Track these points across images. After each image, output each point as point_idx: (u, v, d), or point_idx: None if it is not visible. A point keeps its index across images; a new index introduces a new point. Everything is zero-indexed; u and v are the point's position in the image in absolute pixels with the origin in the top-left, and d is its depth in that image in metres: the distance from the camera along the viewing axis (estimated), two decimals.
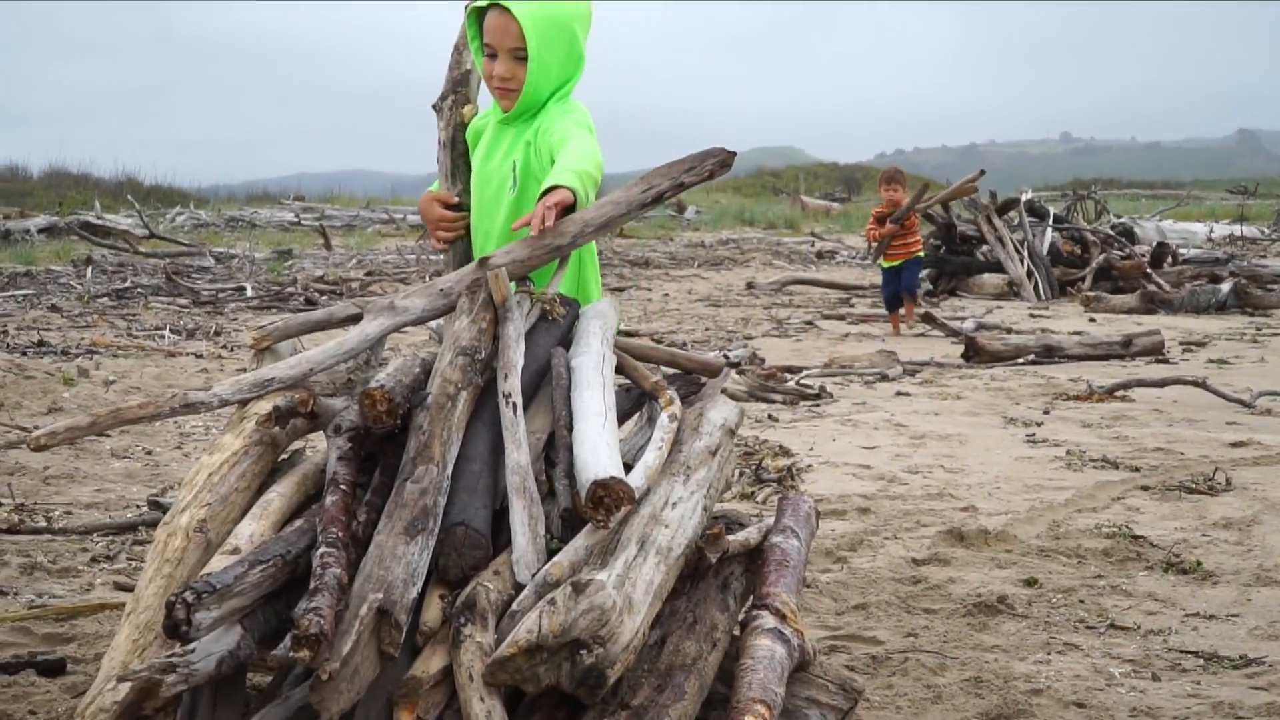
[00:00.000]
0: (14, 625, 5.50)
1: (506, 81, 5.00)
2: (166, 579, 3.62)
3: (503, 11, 4.92)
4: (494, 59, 5.00)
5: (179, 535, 3.74)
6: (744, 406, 5.51)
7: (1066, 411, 10.93)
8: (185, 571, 3.65)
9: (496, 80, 5.02)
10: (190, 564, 3.68)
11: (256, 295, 19.94)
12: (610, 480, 3.69)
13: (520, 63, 4.98)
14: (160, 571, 3.64)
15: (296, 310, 18.03)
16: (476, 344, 4.13)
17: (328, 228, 32.46)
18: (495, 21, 4.96)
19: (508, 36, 4.95)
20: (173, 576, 3.62)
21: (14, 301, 18.73)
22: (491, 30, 4.99)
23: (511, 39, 4.94)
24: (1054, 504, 7.68)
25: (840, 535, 6.93)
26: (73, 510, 7.66)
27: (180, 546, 3.70)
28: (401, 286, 21.99)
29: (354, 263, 25.70)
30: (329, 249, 29.10)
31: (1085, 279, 21.43)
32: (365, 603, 3.42)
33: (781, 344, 15.83)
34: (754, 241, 34.13)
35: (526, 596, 3.58)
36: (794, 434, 9.92)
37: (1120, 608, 5.86)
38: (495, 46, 4.98)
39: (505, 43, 4.96)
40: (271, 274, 23.01)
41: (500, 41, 4.96)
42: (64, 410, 10.82)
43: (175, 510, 3.83)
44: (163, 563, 3.67)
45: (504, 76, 4.99)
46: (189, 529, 3.75)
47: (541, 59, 4.98)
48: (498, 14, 4.94)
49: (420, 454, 3.80)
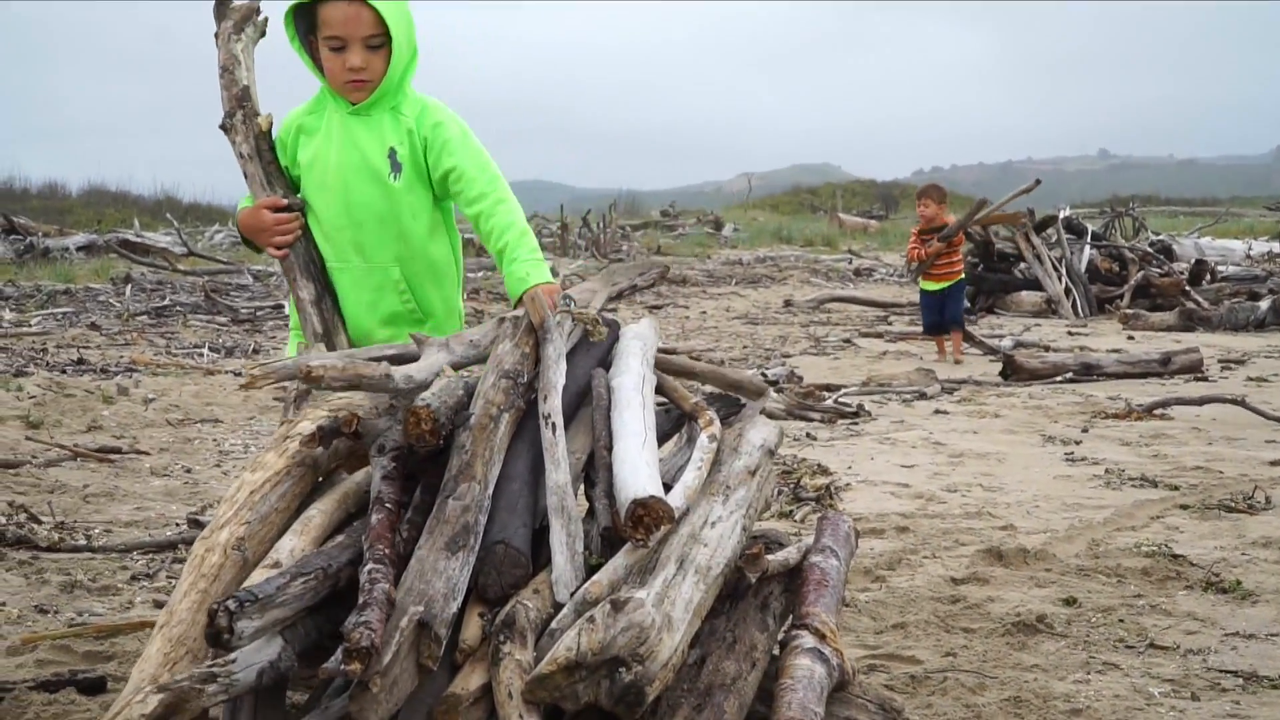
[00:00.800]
0: (54, 643, 5.52)
1: (360, 72, 4.96)
2: (202, 594, 3.62)
3: (351, 1, 4.86)
4: (341, 51, 4.94)
5: (217, 551, 3.74)
6: (782, 425, 5.51)
7: (1105, 430, 10.90)
8: (220, 588, 3.66)
9: (349, 73, 4.96)
10: (226, 581, 3.69)
11: None
12: (650, 499, 3.70)
13: (374, 51, 4.95)
14: (196, 586, 3.65)
15: None
16: (519, 367, 4.15)
17: None
18: (344, 12, 4.90)
19: (361, 25, 4.91)
20: (208, 592, 3.63)
21: (53, 319, 18.82)
22: (340, 22, 4.92)
23: (365, 27, 4.91)
24: (1093, 523, 7.66)
25: (879, 554, 6.93)
26: (112, 528, 7.69)
27: (217, 563, 3.71)
28: None
29: None
30: None
31: (1123, 296, 21.38)
32: (406, 615, 3.44)
33: (819, 362, 15.82)
34: (791, 259, 34.12)
35: (566, 614, 3.59)
36: (832, 452, 9.91)
37: (1160, 627, 5.83)
38: (346, 37, 4.92)
39: (358, 32, 4.91)
40: None
41: (353, 31, 4.91)
42: (103, 428, 10.87)
43: (214, 526, 3.84)
44: (199, 578, 3.68)
45: (359, 67, 4.94)
46: (227, 546, 3.75)
47: (399, 44, 4.96)
48: (345, 4, 4.87)
49: (463, 472, 3.82)
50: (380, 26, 4.90)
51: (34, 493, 8.43)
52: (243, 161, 5.13)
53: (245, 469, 4.12)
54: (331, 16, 4.90)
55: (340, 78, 4.98)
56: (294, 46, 5.08)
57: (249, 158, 5.12)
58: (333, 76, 5.01)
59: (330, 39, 4.93)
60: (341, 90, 5.02)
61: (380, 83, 5.00)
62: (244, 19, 5.25)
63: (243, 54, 5.21)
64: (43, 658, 5.39)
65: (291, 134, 5.15)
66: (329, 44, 4.94)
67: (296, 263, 5.09)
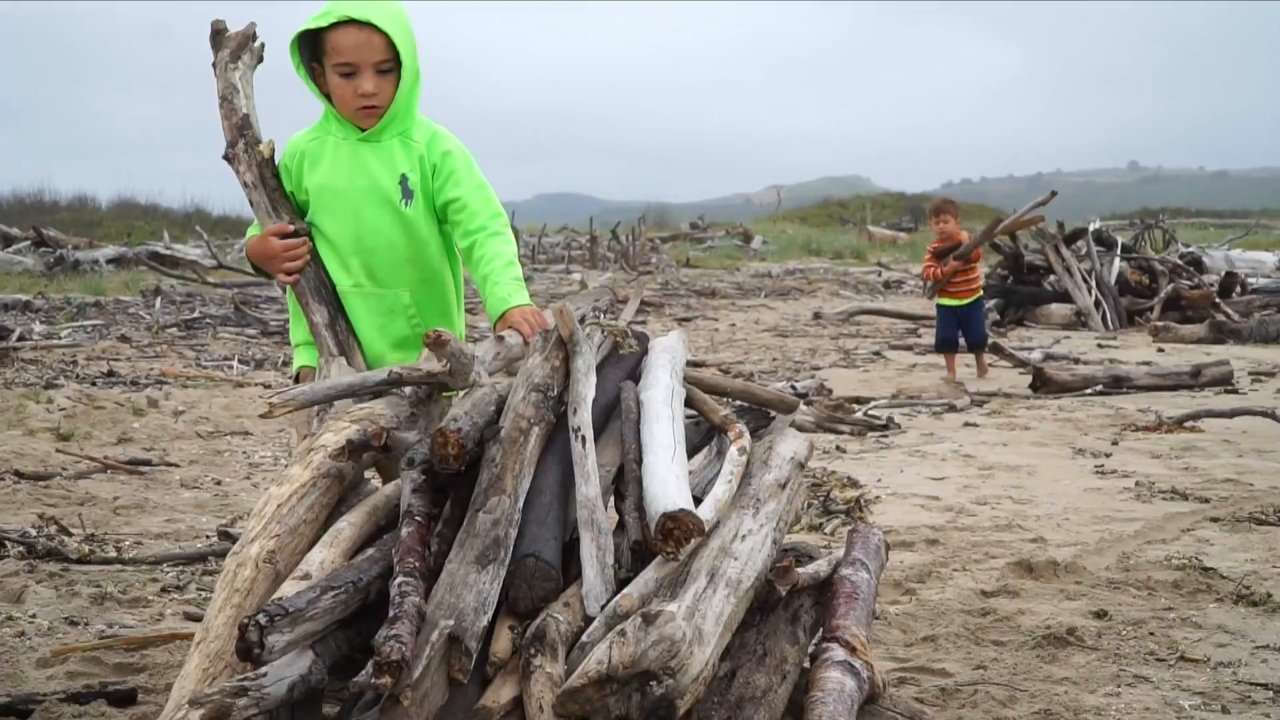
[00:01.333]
0: (85, 655, 5.52)
1: (372, 98, 4.93)
2: (236, 609, 3.64)
3: (361, 26, 4.83)
4: (352, 77, 4.91)
5: (248, 565, 3.75)
6: (812, 438, 5.51)
7: (1135, 442, 10.86)
8: (254, 601, 3.66)
9: (360, 99, 4.93)
10: (259, 594, 3.69)
11: None
12: (680, 513, 3.71)
13: (384, 76, 4.92)
14: (230, 601, 3.66)
15: None
16: (549, 381, 4.16)
17: None
18: (355, 38, 4.86)
19: (372, 50, 4.87)
20: (241, 606, 3.64)
21: (83, 332, 18.88)
22: (350, 48, 4.88)
23: (377, 53, 4.88)
24: (1123, 535, 7.63)
25: (909, 567, 6.91)
26: (143, 540, 7.70)
27: (249, 577, 3.72)
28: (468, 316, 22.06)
29: None
30: None
31: (1153, 309, 21.34)
32: (436, 629, 3.45)
33: (849, 374, 15.80)
34: (821, 271, 34.13)
35: (596, 628, 3.59)
36: (862, 465, 9.89)
37: (1190, 640, 5.81)
38: (357, 63, 4.89)
39: (370, 57, 4.88)
40: None
41: (365, 57, 4.88)
42: (134, 441, 10.90)
43: (245, 540, 3.85)
44: (232, 592, 3.69)
45: (371, 93, 4.91)
46: (258, 560, 3.76)
47: (407, 69, 4.94)
48: (355, 30, 4.84)
49: (493, 486, 3.82)
50: (391, 52, 4.88)
51: (64, 505, 8.46)
52: (247, 190, 5.11)
53: (273, 483, 4.13)
54: (343, 43, 4.87)
55: (352, 104, 4.96)
56: (299, 74, 5.05)
57: (253, 186, 5.09)
58: (343, 103, 4.98)
59: (341, 65, 4.90)
60: (353, 117, 5.00)
61: (389, 108, 4.98)
62: (240, 46, 5.23)
63: (241, 82, 5.19)
64: (73, 670, 5.39)
65: (296, 160, 5.12)
66: (340, 70, 4.91)
67: (308, 287, 5.06)
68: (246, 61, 5.23)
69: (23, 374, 14.51)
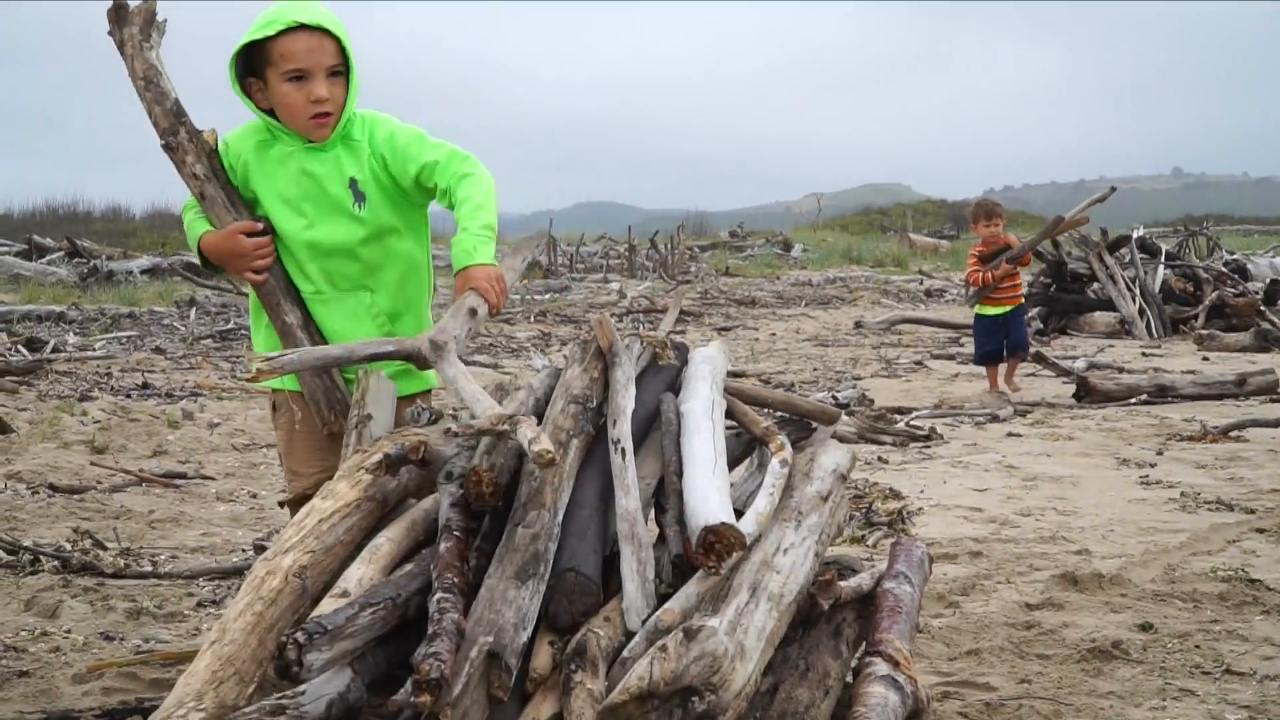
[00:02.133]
0: (120, 670, 5.51)
1: (324, 103, 4.79)
2: (257, 616, 3.57)
3: (313, 31, 4.73)
4: (301, 81, 4.77)
5: (278, 576, 3.68)
6: (853, 449, 5.47)
7: (1180, 452, 10.79)
8: (277, 613, 3.59)
9: (313, 106, 4.79)
10: (283, 607, 3.62)
11: None
12: (721, 526, 3.68)
13: (336, 79, 4.81)
14: (252, 608, 3.60)
15: None
16: (588, 392, 4.13)
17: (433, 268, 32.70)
18: (306, 43, 4.73)
19: (324, 55, 4.77)
20: (263, 615, 3.58)
21: (118, 343, 18.94)
22: (304, 52, 4.74)
23: (329, 57, 4.77)
24: (1169, 547, 7.57)
25: (952, 579, 6.87)
26: (178, 554, 7.70)
27: (277, 587, 3.65)
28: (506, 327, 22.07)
29: None
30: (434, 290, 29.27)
31: (1198, 317, 21.20)
32: (476, 645, 3.43)
33: (891, 384, 15.74)
34: (862, 280, 34.05)
35: (638, 643, 3.57)
36: (904, 476, 9.84)
37: (1236, 653, 5.76)
38: (310, 68, 4.75)
39: (323, 62, 4.76)
40: None
41: (318, 61, 4.75)
42: (169, 453, 10.91)
43: (279, 549, 3.78)
44: (255, 599, 3.63)
45: (324, 98, 4.78)
46: (289, 572, 3.69)
47: (356, 71, 4.85)
48: (306, 35, 4.72)
49: (532, 500, 3.80)
50: (341, 55, 4.79)
51: (99, 518, 8.47)
52: (198, 183, 4.88)
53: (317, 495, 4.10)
54: (293, 48, 4.73)
55: (304, 112, 4.81)
56: (234, 89, 4.89)
57: (205, 179, 4.87)
58: (293, 111, 4.82)
59: (291, 71, 4.75)
60: (303, 127, 4.86)
61: (341, 113, 4.87)
62: (148, 23, 4.91)
63: (158, 63, 4.90)
64: (109, 685, 5.39)
65: (241, 162, 4.97)
66: (289, 76, 4.76)
67: (278, 287, 4.91)
68: (155, 40, 4.93)
69: (57, 386, 14.57)
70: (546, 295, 28.17)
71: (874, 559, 6.39)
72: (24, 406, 12.75)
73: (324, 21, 4.74)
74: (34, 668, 5.62)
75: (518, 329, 22.11)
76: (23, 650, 5.87)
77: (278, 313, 4.91)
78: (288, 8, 4.76)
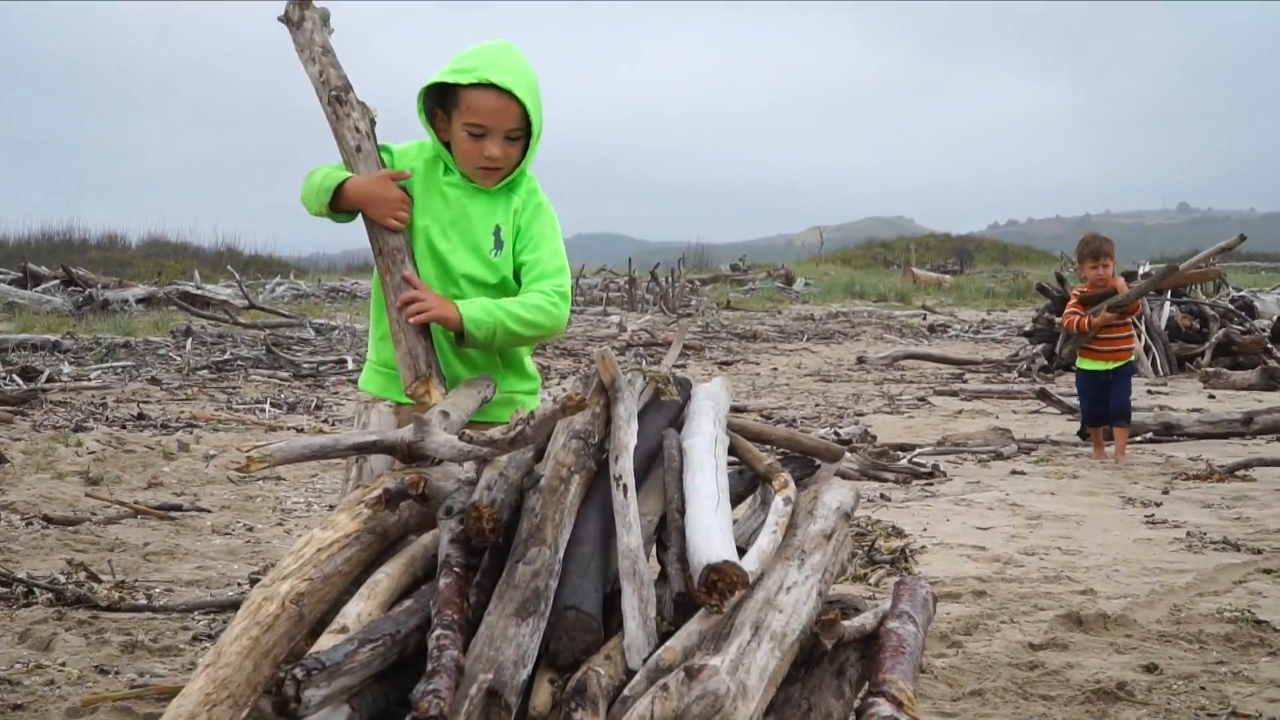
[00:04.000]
0: (115, 705, 5.49)
1: (496, 161, 4.98)
2: (253, 641, 3.56)
3: (500, 92, 4.88)
4: (481, 139, 4.95)
5: (275, 602, 3.68)
6: (857, 486, 5.44)
7: (1186, 491, 10.77)
8: (273, 638, 3.59)
9: (485, 160, 4.98)
10: (279, 633, 3.62)
11: (358, 368, 20.02)
12: (723, 564, 3.64)
13: (513, 143, 4.98)
14: (248, 632, 3.59)
15: None
16: (590, 427, 4.11)
17: None
18: (492, 103, 4.90)
19: (507, 118, 4.93)
20: (259, 640, 3.57)
21: (113, 373, 18.94)
22: (487, 111, 4.91)
23: (510, 121, 4.93)
24: (1174, 587, 7.54)
25: (955, 618, 6.83)
26: (174, 588, 7.66)
27: (273, 613, 3.65)
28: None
29: None
30: None
31: (1204, 354, 21.20)
32: (475, 683, 3.40)
33: (893, 421, 15.72)
34: (864, 314, 34.12)
35: (638, 682, 3.53)
36: (907, 514, 9.82)
37: (1242, 694, 5.72)
38: (489, 127, 4.94)
39: (503, 124, 4.94)
40: None
41: (498, 123, 4.93)
42: (164, 485, 10.87)
43: (276, 576, 3.78)
44: (252, 624, 3.63)
45: (497, 158, 4.97)
46: (286, 599, 3.69)
47: (538, 137, 5.00)
48: (495, 95, 4.88)
49: (532, 536, 3.77)
50: (524, 121, 4.94)
51: (94, 550, 8.44)
52: (358, 137, 5.08)
53: (315, 526, 4.07)
54: (478, 104, 4.90)
55: (474, 163, 5.01)
56: (420, 116, 5.08)
57: (366, 135, 5.09)
58: (465, 159, 5.02)
59: (472, 125, 4.94)
60: (472, 174, 5.05)
61: (511, 171, 5.05)
62: (325, 18, 5.29)
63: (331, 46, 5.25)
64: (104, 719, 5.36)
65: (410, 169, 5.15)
66: (469, 129, 4.95)
67: (406, 245, 5.05)
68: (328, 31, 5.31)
69: (51, 416, 14.55)
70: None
71: (877, 598, 6.35)
72: (18, 436, 12.73)
73: (514, 86, 4.87)
74: (28, 701, 5.59)
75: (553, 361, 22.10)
76: (17, 683, 5.84)
77: (399, 269, 4.99)
78: (487, 60, 4.92)
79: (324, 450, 4.31)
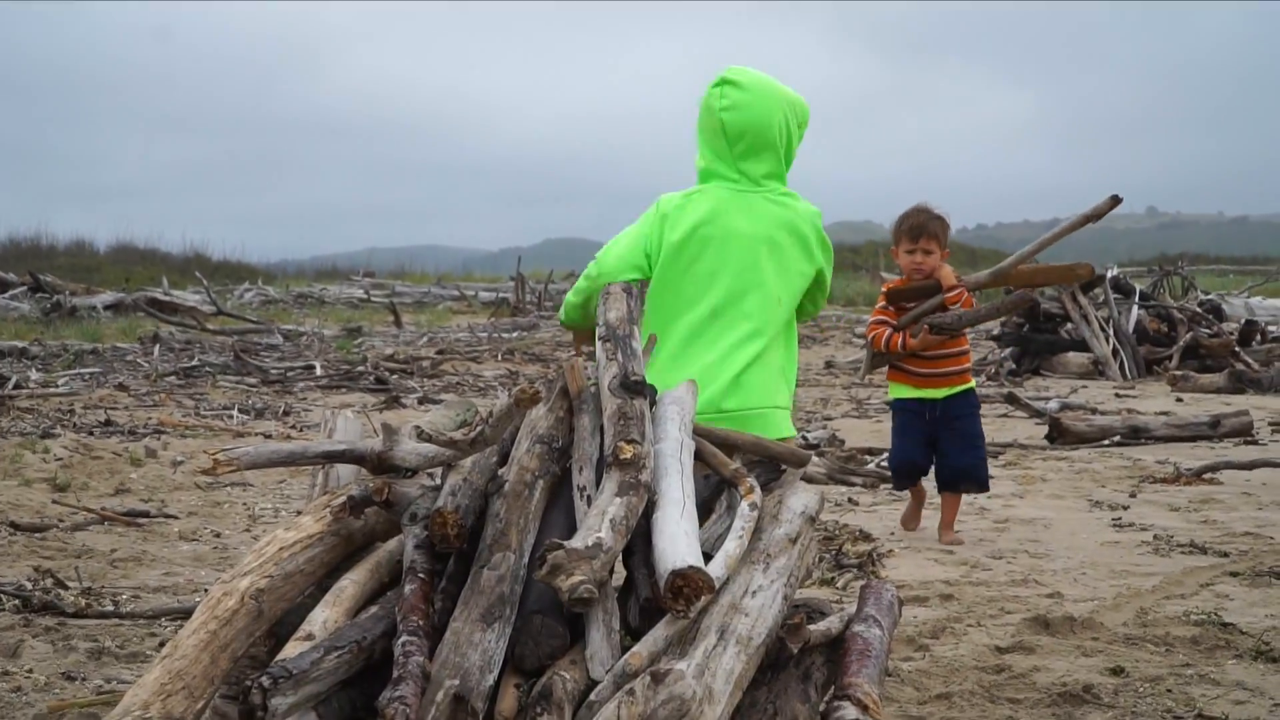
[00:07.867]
0: (82, 711, 5.45)
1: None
2: (210, 635, 3.58)
3: None
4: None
5: (234, 597, 3.70)
6: (823, 490, 5.45)
7: (1153, 495, 10.79)
8: (231, 633, 3.61)
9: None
10: (237, 628, 3.65)
11: (326, 374, 19.98)
12: (689, 570, 3.65)
13: None
14: (206, 626, 3.61)
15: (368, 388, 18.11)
16: (554, 432, 4.11)
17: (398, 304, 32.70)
18: None
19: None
20: (217, 634, 3.59)
21: (80, 380, 18.89)
22: None
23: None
24: (1141, 590, 7.56)
25: (922, 622, 6.84)
26: (140, 594, 7.62)
27: (232, 608, 3.66)
28: (473, 365, 22.03)
29: (425, 340, 25.83)
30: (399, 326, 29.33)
31: (1172, 357, 21.26)
32: (441, 688, 3.41)
33: (862, 425, 15.73)
34: (833, 319, 34.08)
35: (604, 686, 3.54)
36: (874, 518, 9.82)
37: (1208, 697, 5.73)
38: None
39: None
40: (341, 352, 23.07)
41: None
42: (131, 491, 10.84)
43: (237, 572, 3.81)
44: (210, 618, 3.64)
45: None
46: (245, 594, 3.71)
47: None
48: None
49: (497, 541, 3.78)
50: None
51: (60, 557, 8.39)
52: None
53: (282, 526, 4.08)
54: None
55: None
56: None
57: None
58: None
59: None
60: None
61: None
62: None
63: None
64: None
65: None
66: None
67: None
68: None
69: (19, 423, 14.47)
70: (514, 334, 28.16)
71: (843, 601, 6.36)
72: None
73: None
74: None
75: (485, 367, 22.09)
76: None
77: None
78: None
79: (292, 457, 4.32)
